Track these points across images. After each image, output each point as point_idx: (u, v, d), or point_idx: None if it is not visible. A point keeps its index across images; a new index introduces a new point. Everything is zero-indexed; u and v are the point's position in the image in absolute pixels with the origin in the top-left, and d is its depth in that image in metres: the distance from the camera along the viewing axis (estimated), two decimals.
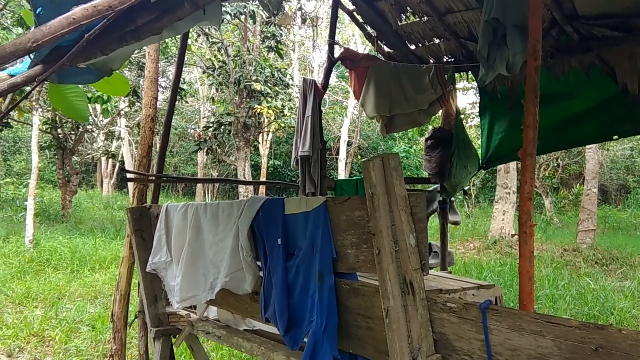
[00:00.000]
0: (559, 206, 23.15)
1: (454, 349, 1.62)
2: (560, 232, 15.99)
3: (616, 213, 22.01)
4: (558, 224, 19.31)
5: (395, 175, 1.67)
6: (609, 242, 13.33)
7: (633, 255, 11.98)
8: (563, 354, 1.36)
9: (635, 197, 27.13)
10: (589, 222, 12.96)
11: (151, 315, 3.06)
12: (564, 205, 23.28)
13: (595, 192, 13.23)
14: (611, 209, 24.24)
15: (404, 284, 1.65)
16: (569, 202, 23.12)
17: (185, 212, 2.73)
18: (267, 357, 2.47)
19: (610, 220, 19.94)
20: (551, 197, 22.20)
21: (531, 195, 1.64)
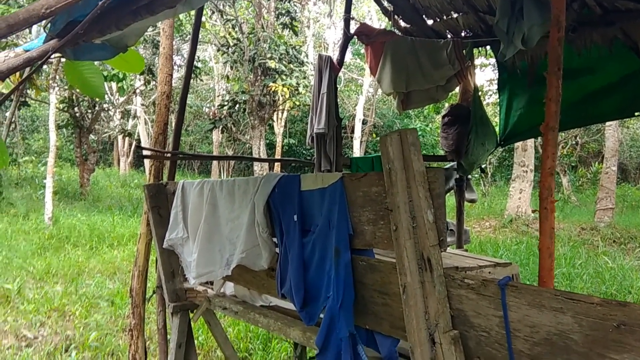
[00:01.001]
0: (576, 185, 22.87)
1: (471, 325, 1.61)
2: (577, 211, 15.83)
3: (635, 192, 21.69)
4: (576, 202, 19.10)
5: (414, 151, 1.64)
6: (627, 221, 13.15)
7: None
8: (584, 330, 1.34)
9: None
10: (608, 201, 12.80)
11: (169, 291, 3.09)
12: (582, 184, 23.00)
13: (614, 171, 13.03)
14: (630, 187, 23.88)
15: (422, 260, 1.64)
16: (587, 181, 22.83)
17: (202, 189, 2.73)
18: (283, 333, 2.49)
19: (629, 199, 19.65)
20: (569, 175, 21.94)
21: (553, 171, 1.61)
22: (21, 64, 1.37)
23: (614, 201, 13.12)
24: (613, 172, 12.96)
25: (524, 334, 1.47)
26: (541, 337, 1.43)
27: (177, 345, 3.03)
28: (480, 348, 1.60)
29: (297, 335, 2.38)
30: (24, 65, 1.37)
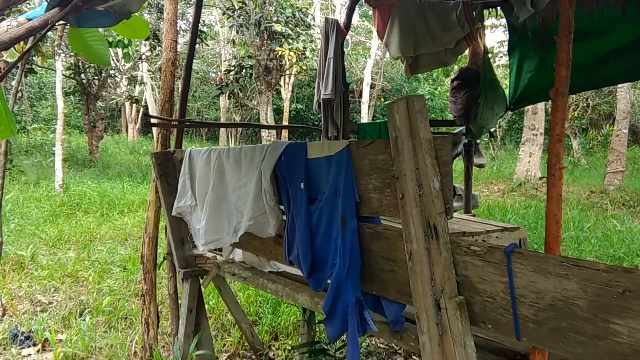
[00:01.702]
0: (587, 147, 22.67)
1: (477, 291, 1.62)
2: (587, 174, 15.73)
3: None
4: (585, 165, 18.97)
5: (420, 118, 1.63)
6: (637, 183, 13.08)
7: None
8: (589, 296, 1.35)
9: None
10: (618, 164, 12.70)
11: (179, 258, 3.14)
12: (592, 147, 22.80)
13: (625, 133, 12.88)
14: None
15: (428, 227, 1.64)
16: (598, 144, 22.62)
17: (209, 157, 2.74)
18: (291, 298, 2.53)
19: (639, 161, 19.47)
20: (579, 138, 21.73)
21: (562, 137, 1.59)
22: (23, 33, 1.36)
23: (625, 164, 13.01)
24: (624, 135, 12.82)
25: (529, 299, 1.48)
26: (546, 302, 1.44)
27: (188, 309, 3.09)
28: (486, 313, 1.62)
29: (305, 300, 2.41)
30: (26, 35, 1.36)
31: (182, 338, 3.09)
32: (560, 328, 1.43)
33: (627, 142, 13.49)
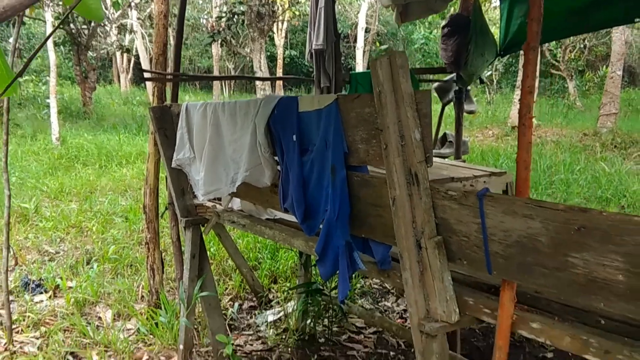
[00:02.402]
0: (583, 89, 22.62)
1: (453, 231, 1.78)
2: (582, 117, 15.81)
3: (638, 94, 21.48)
4: (581, 107, 19.00)
5: (402, 73, 1.74)
6: (630, 125, 13.20)
7: None
8: (550, 233, 1.51)
9: None
10: (611, 106, 12.77)
11: (180, 207, 3.30)
12: (588, 89, 22.74)
13: (619, 75, 12.87)
14: (637, 91, 23.61)
15: (409, 175, 1.79)
16: (594, 85, 22.56)
17: (205, 111, 2.85)
18: (287, 243, 2.70)
19: (635, 103, 19.50)
20: (575, 80, 21.65)
21: (532, 89, 1.70)
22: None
23: (618, 106, 13.09)
24: (618, 77, 12.82)
25: (499, 237, 1.65)
26: (513, 240, 1.61)
27: (191, 255, 3.28)
28: (461, 251, 1.79)
29: (300, 244, 2.59)
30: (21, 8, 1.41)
31: (187, 282, 3.29)
32: (525, 262, 1.60)
33: (621, 83, 13.51)
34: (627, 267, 1.37)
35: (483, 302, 1.86)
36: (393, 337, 3.90)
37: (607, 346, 1.53)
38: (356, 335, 3.94)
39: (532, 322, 1.72)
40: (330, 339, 3.85)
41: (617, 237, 1.37)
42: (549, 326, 1.68)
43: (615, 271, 1.40)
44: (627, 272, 1.38)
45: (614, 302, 1.43)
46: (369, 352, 3.70)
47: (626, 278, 1.38)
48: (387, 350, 3.75)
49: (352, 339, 3.89)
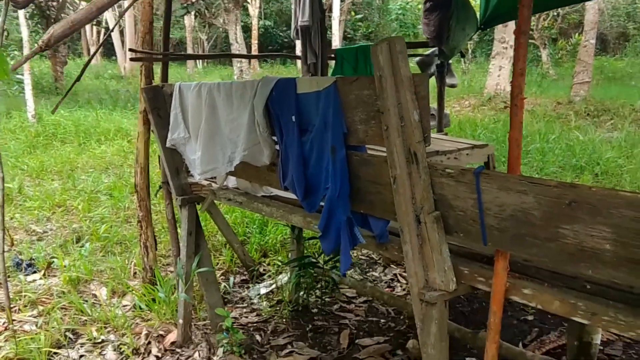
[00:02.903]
0: (556, 58, 22.92)
1: (451, 206, 1.90)
2: (555, 85, 16.10)
3: (613, 62, 21.90)
4: (554, 76, 19.31)
5: (401, 58, 1.83)
6: (602, 93, 13.51)
7: (625, 106, 12.25)
8: (542, 207, 1.63)
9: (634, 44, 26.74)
10: (584, 75, 13.03)
11: (175, 186, 3.36)
12: (561, 57, 23.06)
13: (592, 44, 13.12)
14: (608, 58, 24.02)
15: (409, 154, 1.89)
16: (567, 53, 22.89)
17: (199, 92, 2.89)
18: (285, 219, 2.80)
19: (606, 71, 19.89)
20: (549, 48, 21.92)
21: (523, 72, 1.81)
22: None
23: (591, 75, 13.36)
24: (591, 45, 13.07)
25: (494, 212, 1.77)
26: (508, 214, 1.73)
27: (187, 233, 3.36)
28: (458, 224, 1.91)
29: (299, 220, 2.69)
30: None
31: (184, 259, 3.38)
32: (519, 234, 1.73)
33: (594, 52, 13.75)
34: (614, 237, 1.50)
35: (477, 271, 2.00)
36: (382, 306, 4.06)
37: (594, 309, 1.68)
38: (347, 304, 4.10)
39: (524, 289, 1.86)
40: (323, 309, 4.00)
41: (606, 210, 1.50)
42: (540, 292, 1.82)
43: (603, 241, 1.53)
44: (614, 242, 1.51)
45: (601, 269, 1.57)
46: (361, 320, 3.86)
47: (613, 247, 1.52)
48: (378, 318, 3.91)
49: (344, 308, 4.04)
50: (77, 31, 1.23)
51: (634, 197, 1.45)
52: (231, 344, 3.33)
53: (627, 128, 9.74)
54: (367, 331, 3.73)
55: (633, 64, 22.35)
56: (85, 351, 3.37)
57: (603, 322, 1.67)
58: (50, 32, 1.16)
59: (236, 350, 3.32)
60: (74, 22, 1.16)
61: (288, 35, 31.23)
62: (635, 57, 24.33)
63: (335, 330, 3.73)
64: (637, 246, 1.47)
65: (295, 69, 25.14)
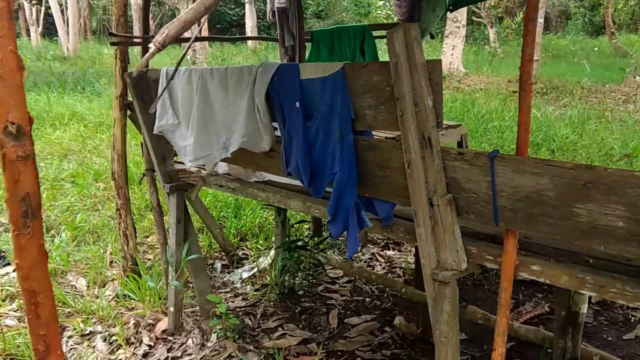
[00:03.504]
0: (502, 36, 23.52)
1: (463, 189, 1.97)
2: (505, 63, 16.55)
3: (557, 41, 22.68)
4: (502, 54, 19.84)
5: (416, 45, 1.86)
6: (550, 71, 14.02)
7: (572, 83, 12.76)
8: (557, 188, 1.72)
9: (575, 22, 27.76)
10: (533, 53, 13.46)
11: (162, 173, 3.30)
12: (507, 35, 23.68)
13: (540, 23, 13.55)
14: (552, 36, 24.85)
15: (423, 139, 1.94)
16: (512, 32, 23.52)
17: (190, 77, 2.84)
18: (283, 204, 2.82)
19: (551, 49, 20.60)
20: (496, 27, 22.46)
21: (531, 57, 1.88)
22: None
23: (539, 53, 13.82)
24: (540, 24, 13.49)
25: (507, 193, 1.85)
26: (522, 195, 1.81)
27: (176, 220, 3.32)
28: (469, 206, 1.98)
29: (297, 205, 2.71)
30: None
31: (174, 246, 3.34)
32: (532, 214, 1.81)
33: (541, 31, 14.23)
34: (628, 215, 1.61)
35: (485, 250, 2.09)
36: (366, 285, 4.16)
37: (602, 282, 1.79)
38: (332, 285, 4.17)
39: (533, 265, 1.96)
40: (309, 291, 4.05)
41: (621, 190, 1.59)
42: (548, 268, 1.92)
43: (617, 218, 1.63)
44: (627, 219, 1.61)
45: (614, 245, 1.67)
46: (347, 300, 3.94)
47: (626, 224, 1.62)
48: (363, 297, 4.00)
49: (329, 289, 4.11)
50: (187, 30, 1.20)
51: None
52: (225, 329, 3.34)
53: (578, 105, 10.16)
54: (355, 310, 3.81)
55: (575, 42, 23.26)
56: (74, 343, 3.30)
57: (610, 293, 1.78)
58: (165, 33, 1.14)
59: (230, 336, 3.33)
60: (186, 22, 1.15)
61: (237, 13, 30.58)
62: (577, 35, 25.32)
63: (324, 311, 3.79)
64: None
65: (246, 48, 24.78)
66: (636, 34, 25.64)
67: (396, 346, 3.37)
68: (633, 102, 11.01)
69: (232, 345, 3.30)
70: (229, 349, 3.27)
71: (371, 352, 3.31)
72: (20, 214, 0.91)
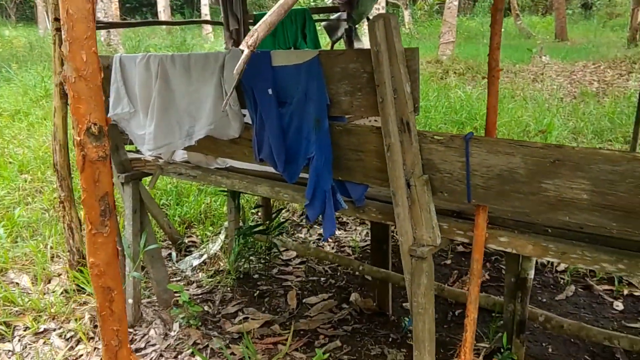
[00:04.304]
0: (416, 17, 24.23)
1: (438, 170, 2.10)
2: (422, 45, 17.08)
3: (467, 23, 23.69)
4: (417, 35, 20.48)
5: (395, 34, 1.95)
6: (465, 52, 14.66)
7: (484, 63, 13.43)
8: (528, 166, 1.89)
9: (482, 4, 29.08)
10: (449, 35, 14.03)
11: (116, 163, 3.20)
12: (419, 17, 24.43)
13: (456, 5, 14.11)
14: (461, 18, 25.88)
15: (402, 124, 2.04)
16: (424, 14, 24.30)
17: (147, 64, 2.77)
18: (250, 190, 2.84)
19: (462, 30, 21.44)
20: (410, 8, 23.11)
21: (499, 45, 2.02)
22: None
23: (455, 34, 14.42)
24: (455, 7, 14.05)
25: (481, 172, 2.00)
26: (494, 173, 1.97)
27: (132, 210, 3.24)
28: (443, 185, 2.12)
29: (265, 190, 2.75)
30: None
31: (131, 237, 3.26)
32: (503, 190, 1.98)
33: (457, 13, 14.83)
34: (591, 188, 1.80)
35: (455, 226, 2.25)
36: (319, 265, 4.27)
37: (564, 249, 2.00)
38: (285, 267, 4.24)
39: (501, 237, 2.14)
40: (264, 274, 4.10)
41: (586, 166, 1.78)
42: (515, 238, 2.11)
43: (581, 192, 1.82)
44: (590, 192, 1.81)
45: (578, 215, 1.87)
46: (303, 281, 4.03)
47: (589, 196, 1.81)
48: (317, 277, 4.11)
49: (283, 271, 4.18)
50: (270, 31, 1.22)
51: (611, 154, 1.74)
52: (187, 317, 3.33)
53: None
54: (311, 290, 3.91)
55: (483, 24, 24.40)
56: (28, 342, 3.16)
57: (572, 259, 1.99)
58: (255, 35, 1.15)
59: (193, 323, 3.33)
60: (271, 24, 1.17)
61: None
62: (484, 17, 26.57)
63: (281, 293, 3.86)
64: (610, 194, 1.78)
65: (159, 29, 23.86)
66: (537, 15, 27.35)
67: (355, 321, 3.52)
68: (541, 81, 11.80)
69: (195, 332, 3.30)
70: (193, 337, 3.27)
71: (332, 329, 3.43)
72: (99, 213, 0.91)
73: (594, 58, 13.73)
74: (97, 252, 0.90)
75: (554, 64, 13.36)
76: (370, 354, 3.13)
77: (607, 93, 10.20)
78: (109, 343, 0.98)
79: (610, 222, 1.82)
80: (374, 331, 3.39)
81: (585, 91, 10.28)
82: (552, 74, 12.37)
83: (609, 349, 3.13)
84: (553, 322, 2.97)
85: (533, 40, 18.22)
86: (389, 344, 3.22)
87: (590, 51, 15.01)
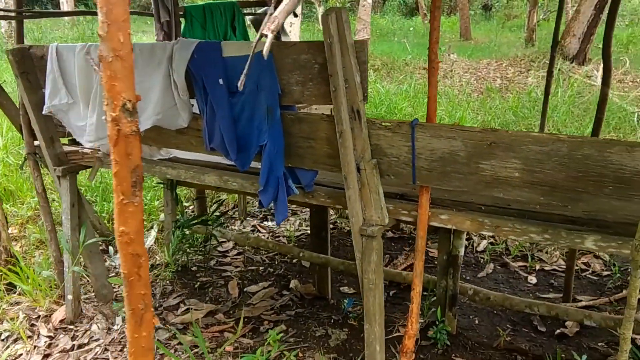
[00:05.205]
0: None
1: (385, 154, 2.27)
2: None
3: (379, 20, 24.43)
4: None
5: (346, 27, 2.08)
6: (379, 49, 15.17)
7: (398, 60, 14.00)
8: (467, 149, 2.10)
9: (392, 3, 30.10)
10: (364, 32, 14.47)
11: (51, 156, 3.10)
12: None
13: (369, 3, 14.56)
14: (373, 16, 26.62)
15: (352, 112, 2.18)
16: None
17: (89, 54, 2.73)
18: (197, 179, 2.87)
19: (375, 28, 22.10)
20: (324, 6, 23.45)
21: (437, 40, 2.21)
22: None
23: (369, 31, 14.88)
24: (369, 5, 14.52)
25: (425, 155, 2.19)
26: (437, 156, 2.16)
27: (70, 204, 3.16)
28: (390, 169, 2.29)
29: (213, 179, 2.80)
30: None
31: (69, 232, 3.17)
32: (445, 171, 2.18)
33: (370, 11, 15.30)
34: (522, 167, 2.04)
35: (400, 206, 2.43)
36: (256, 255, 4.35)
37: (497, 223, 2.23)
38: (223, 258, 4.28)
39: (442, 215, 2.35)
40: (202, 266, 4.12)
41: (517, 147, 2.01)
42: (454, 216, 2.32)
43: (514, 170, 2.06)
44: (521, 170, 2.04)
45: (511, 191, 2.10)
46: (242, 271, 4.09)
47: (520, 174, 2.05)
48: (256, 266, 4.19)
49: (222, 262, 4.22)
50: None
51: (539, 135, 1.99)
52: None
53: (408, 80, 11.26)
54: (251, 279, 3.99)
55: (393, 21, 25.32)
56: None
57: (504, 231, 2.23)
58: (275, 22, 1.22)
59: None
60: (288, 12, 1.23)
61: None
62: (394, 15, 27.57)
63: (222, 283, 3.91)
64: (538, 172, 2.02)
65: (62, 21, 22.61)
66: (443, 15, 28.69)
67: (297, 306, 3.64)
68: (450, 77, 12.49)
69: None
70: None
71: (276, 315, 3.53)
72: (131, 184, 0.96)
73: (496, 56, 14.70)
74: (128, 220, 0.96)
75: (461, 61, 14.17)
76: (315, 335, 3.27)
77: (509, 89, 10.99)
78: (135, 307, 1.03)
79: (539, 196, 2.07)
80: (316, 314, 3.53)
81: (490, 87, 11.01)
82: (460, 71, 13.13)
83: (527, 318, 3.48)
84: (481, 294, 3.25)
85: (441, 39, 19.15)
86: (331, 325, 3.38)
87: (493, 50, 16.04)
